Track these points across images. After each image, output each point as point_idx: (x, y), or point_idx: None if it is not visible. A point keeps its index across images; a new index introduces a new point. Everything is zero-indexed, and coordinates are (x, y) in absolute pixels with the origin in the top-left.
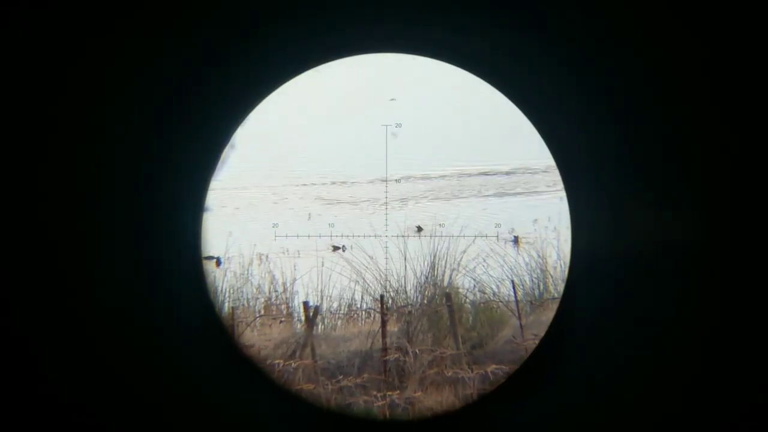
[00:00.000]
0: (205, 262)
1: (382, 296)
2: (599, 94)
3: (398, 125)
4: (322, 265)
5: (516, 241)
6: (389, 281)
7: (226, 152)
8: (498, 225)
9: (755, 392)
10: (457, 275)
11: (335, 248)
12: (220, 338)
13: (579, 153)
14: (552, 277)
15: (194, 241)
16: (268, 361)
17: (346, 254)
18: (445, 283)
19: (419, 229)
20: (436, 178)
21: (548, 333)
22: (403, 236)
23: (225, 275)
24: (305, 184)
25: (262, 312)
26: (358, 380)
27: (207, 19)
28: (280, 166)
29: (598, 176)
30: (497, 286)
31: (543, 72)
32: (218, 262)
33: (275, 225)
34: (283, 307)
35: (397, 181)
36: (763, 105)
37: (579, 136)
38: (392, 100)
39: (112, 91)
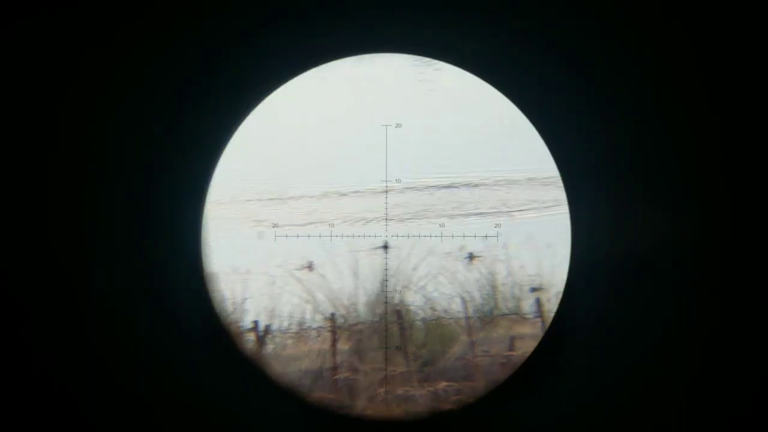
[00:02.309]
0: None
1: (332, 314)
2: (599, 94)
3: (398, 125)
4: (273, 284)
5: (470, 257)
6: (340, 299)
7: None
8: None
9: (756, 393)
10: (407, 292)
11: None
12: (220, 338)
13: (579, 153)
14: (502, 293)
15: (194, 242)
16: None
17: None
18: (396, 300)
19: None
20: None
21: (548, 333)
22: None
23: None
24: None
25: None
26: (310, 399)
27: (207, 20)
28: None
29: (597, 177)
30: (448, 303)
31: (543, 72)
32: None
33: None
34: (233, 326)
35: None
36: (762, 107)
37: (579, 136)
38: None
39: (114, 92)
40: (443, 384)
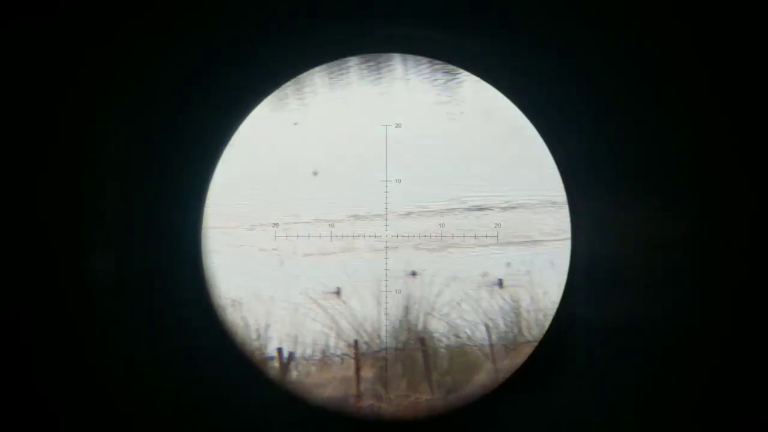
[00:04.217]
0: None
1: (356, 341)
2: (599, 94)
3: (398, 125)
4: (296, 311)
5: (500, 284)
6: (363, 326)
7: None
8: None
9: (756, 393)
10: (431, 319)
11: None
12: (221, 337)
13: (578, 153)
14: (525, 320)
15: (194, 242)
16: None
17: (321, 300)
18: (420, 327)
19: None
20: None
21: (547, 334)
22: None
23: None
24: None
25: None
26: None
27: (207, 20)
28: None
29: (598, 177)
30: (471, 330)
31: (543, 72)
32: None
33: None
34: (256, 353)
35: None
36: (763, 106)
37: (579, 136)
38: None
39: (114, 92)
40: None
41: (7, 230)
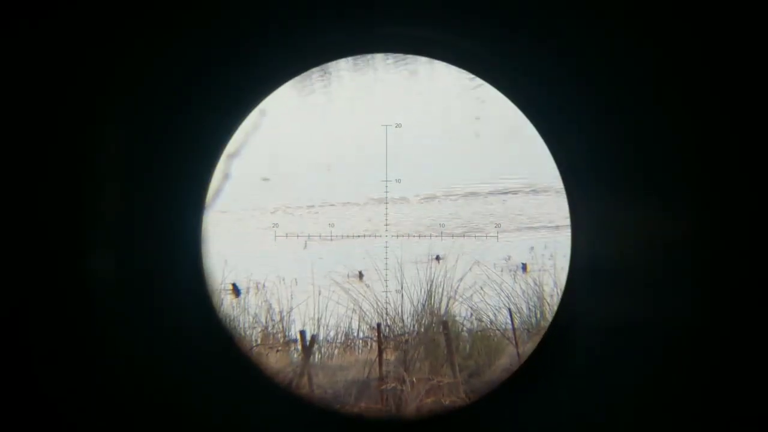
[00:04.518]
0: (222, 292)
1: (378, 325)
2: (599, 94)
3: (398, 125)
4: (319, 294)
5: (524, 268)
6: (386, 309)
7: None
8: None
9: (757, 393)
10: (453, 303)
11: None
12: (221, 337)
13: (578, 153)
14: (549, 305)
15: (194, 243)
16: None
17: (343, 283)
18: (442, 311)
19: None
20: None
21: (547, 334)
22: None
23: (221, 305)
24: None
25: (259, 341)
26: (355, 409)
27: (207, 20)
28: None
29: (598, 177)
30: (494, 314)
31: (543, 71)
32: (237, 292)
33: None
34: (279, 336)
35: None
36: (763, 106)
37: (579, 136)
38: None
39: (114, 92)
40: None
41: (7, 230)
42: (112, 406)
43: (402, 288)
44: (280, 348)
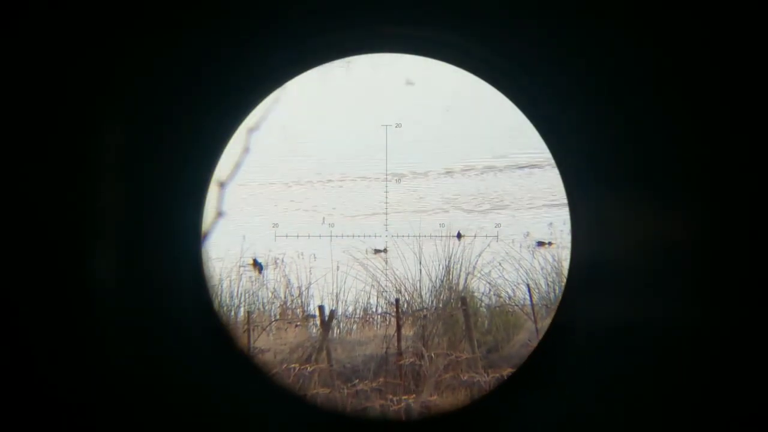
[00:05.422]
0: (245, 266)
1: (397, 300)
2: (599, 93)
3: (398, 125)
4: (337, 269)
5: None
6: (404, 285)
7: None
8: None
9: (757, 393)
10: (472, 279)
11: (377, 251)
12: (221, 338)
13: (579, 153)
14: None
15: (194, 243)
16: (284, 366)
17: (362, 259)
18: (461, 287)
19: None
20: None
21: (547, 334)
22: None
23: (240, 279)
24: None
25: (278, 316)
26: (374, 384)
27: (207, 20)
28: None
29: (598, 177)
30: (512, 290)
31: (543, 71)
32: (260, 268)
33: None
34: (298, 311)
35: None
36: (763, 106)
37: (579, 136)
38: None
39: (114, 92)
40: (508, 370)
41: (7, 230)
42: (112, 405)
43: (421, 264)
44: (299, 323)
